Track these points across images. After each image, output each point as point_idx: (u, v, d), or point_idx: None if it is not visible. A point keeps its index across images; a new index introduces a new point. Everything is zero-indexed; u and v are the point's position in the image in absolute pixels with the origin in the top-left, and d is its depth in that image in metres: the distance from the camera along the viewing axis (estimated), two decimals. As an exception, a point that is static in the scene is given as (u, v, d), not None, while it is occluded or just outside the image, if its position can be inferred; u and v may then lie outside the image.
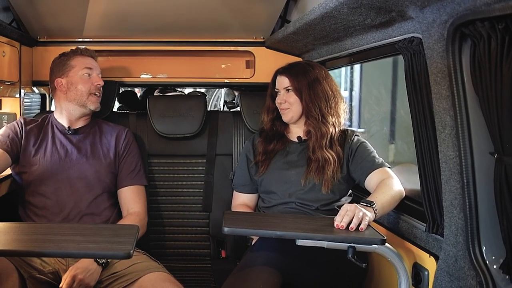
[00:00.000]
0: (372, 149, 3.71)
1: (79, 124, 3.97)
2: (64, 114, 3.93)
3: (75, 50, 3.99)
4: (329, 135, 3.66)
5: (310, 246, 2.89)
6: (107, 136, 3.99)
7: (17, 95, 4.57)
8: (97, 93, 3.92)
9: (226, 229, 2.96)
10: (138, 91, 9.84)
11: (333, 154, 3.64)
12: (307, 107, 3.69)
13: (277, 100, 3.80)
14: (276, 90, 3.83)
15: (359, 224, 2.94)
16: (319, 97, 3.67)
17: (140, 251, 3.65)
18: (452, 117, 2.60)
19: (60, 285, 3.24)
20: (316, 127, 3.68)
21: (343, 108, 3.79)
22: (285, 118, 3.80)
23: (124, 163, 3.97)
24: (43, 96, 5.38)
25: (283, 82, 3.77)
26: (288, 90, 3.74)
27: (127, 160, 3.98)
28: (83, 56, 3.95)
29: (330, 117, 3.68)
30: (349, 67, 9.75)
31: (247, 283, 3.09)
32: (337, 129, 3.72)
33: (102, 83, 3.94)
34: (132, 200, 3.90)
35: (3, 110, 4.65)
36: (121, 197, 3.94)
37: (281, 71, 3.82)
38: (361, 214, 2.96)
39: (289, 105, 3.73)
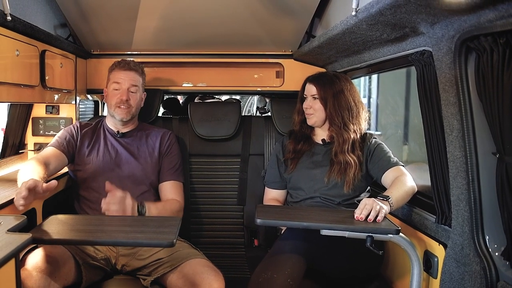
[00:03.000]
0: (388, 149, 3.72)
1: (127, 129, 4.00)
2: (111, 120, 3.99)
3: (117, 63, 3.99)
4: (350, 141, 3.68)
5: (333, 236, 2.92)
6: (153, 138, 4.02)
7: (73, 102, 4.63)
8: (122, 106, 3.88)
9: (258, 220, 2.99)
10: (180, 98, 9.85)
11: (355, 158, 3.66)
12: (330, 115, 3.71)
13: (304, 105, 3.83)
14: (304, 95, 3.86)
15: (377, 216, 2.96)
16: (342, 107, 3.69)
17: (182, 240, 3.66)
18: (459, 121, 2.63)
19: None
20: (338, 133, 3.70)
21: (364, 117, 3.80)
22: (309, 122, 3.83)
23: (166, 161, 3.99)
24: (96, 103, 5.45)
25: (311, 89, 3.79)
26: (314, 97, 3.76)
27: (168, 158, 4.00)
28: (119, 69, 3.93)
29: (352, 125, 3.70)
30: (367, 77, 9.73)
31: (276, 268, 3.12)
32: (358, 135, 3.74)
33: (125, 97, 3.86)
34: (170, 192, 3.91)
35: (61, 115, 4.71)
36: (161, 190, 3.96)
37: (310, 79, 3.84)
38: (378, 207, 2.99)
39: (314, 111, 3.75)
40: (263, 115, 7.96)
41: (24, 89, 3.50)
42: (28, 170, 3.26)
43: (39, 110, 4.68)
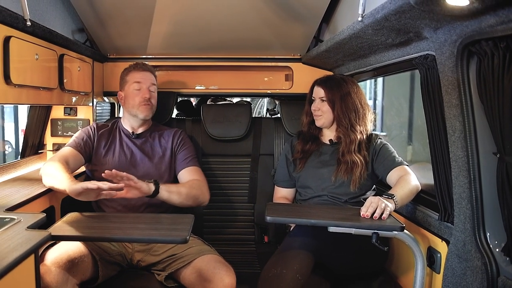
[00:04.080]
0: (393, 149, 3.73)
1: (141, 130, 4.01)
2: (126, 121, 4.00)
3: (133, 65, 4.02)
4: (357, 141, 3.69)
5: (340, 232, 2.94)
6: (165, 138, 4.03)
7: (90, 104, 4.67)
8: (145, 104, 3.91)
9: (268, 218, 3.02)
10: (193, 100, 9.86)
11: (361, 158, 3.67)
12: (338, 116, 3.72)
13: (312, 107, 3.85)
14: (312, 98, 3.87)
15: (382, 214, 2.98)
16: (349, 109, 3.70)
17: (195, 236, 3.67)
18: (461, 122, 2.64)
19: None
20: (345, 134, 3.72)
21: (370, 118, 3.81)
22: (318, 123, 3.84)
23: (179, 154, 3.97)
24: (112, 105, 5.46)
25: (319, 92, 3.80)
26: (322, 100, 3.77)
27: (182, 152, 3.97)
28: (136, 71, 3.97)
29: (358, 126, 3.71)
30: (373, 80, 9.73)
31: (285, 264, 3.14)
32: (364, 136, 3.75)
33: (148, 96, 3.91)
34: (191, 176, 3.86)
35: (78, 116, 4.74)
36: (181, 178, 3.92)
37: (318, 82, 3.86)
38: (383, 205, 3.01)
39: (322, 113, 3.77)
40: (272, 116, 7.99)
41: (43, 91, 3.52)
42: (56, 167, 3.35)
43: (57, 112, 4.72)
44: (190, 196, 3.61)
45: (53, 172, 3.29)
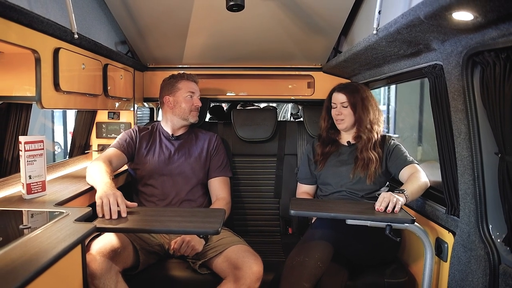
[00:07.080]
0: (405, 149, 3.73)
1: (180, 132, 4.06)
2: (168, 124, 4.04)
3: (182, 75, 4.07)
4: (373, 140, 3.72)
5: (357, 225, 2.97)
6: (201, 140, 4.07)
7: (132, 109, 4.72)
8: (195, 111, 4.00)
9: (292, 211, 3.07)
10: (225, 106, 9.89)
11: (376, 155, 3.69)
12: (359, 118, 3.74)
13: (334, 112, 3.86)
14: (332, 104, 3.88)
15: (394, 207, 3.01)
16: (368, 110, 3.73)
17: (226, 228, 3.71)
18: (466, 125, 2.65)
19: (172, 248, 3.43)
20: (364, 133, 3.74)
21: (381, 119, 3.83)
22: (340, 127, 3.86)
23: (213, 160, 4.04)
24: (151, 110, 5.50)
25: (340, 98, 3.81)
26: (344, 105, 3.79)
27: (215, 158, 4.05)
28: (188, 81, 4.02)
29: (376, 126, 3.74)
30: (386, 87, 9.71)
31: (307, 252, 3.18)
32: (378, 136, 3.78)
33: (200, 104, 4.02)
34: (219, 188, 3.98)
35: (121, 120, 4.81)
36: (211, 186, 4.01)
37: (338, 89, 3.87)
38: (395, 200, 3.03)
39: (344, 116, 3.78)
40: (296, 120, 7.98)
41: (89, 97, 3.56)
42: (98, 168, 3.37)
43: (102, 116, 4.79)
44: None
45: (94, 174, 3.32)
